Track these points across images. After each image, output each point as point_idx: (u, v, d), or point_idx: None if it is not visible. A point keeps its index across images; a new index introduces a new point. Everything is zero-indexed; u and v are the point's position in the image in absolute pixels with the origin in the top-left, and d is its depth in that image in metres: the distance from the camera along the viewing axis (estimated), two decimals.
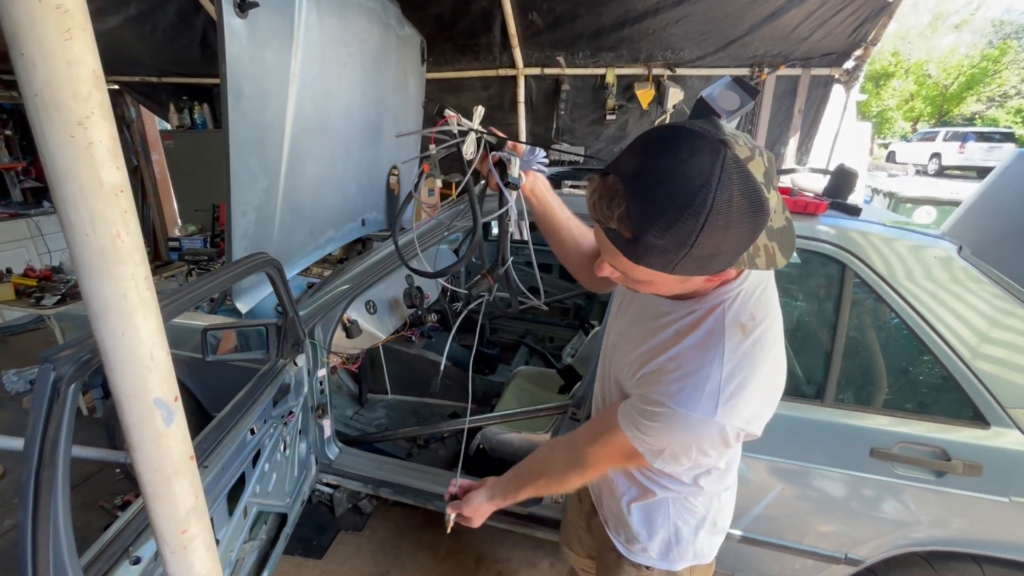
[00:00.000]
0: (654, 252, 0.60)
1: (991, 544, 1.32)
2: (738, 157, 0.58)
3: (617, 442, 0.81)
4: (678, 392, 0.72)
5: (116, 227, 0.46)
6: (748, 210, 0.58)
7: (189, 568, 0.61)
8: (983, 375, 1.30)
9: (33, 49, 0.40)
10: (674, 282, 0.68)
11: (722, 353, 0.71)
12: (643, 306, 0.87)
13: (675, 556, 0.98)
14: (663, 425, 0.73)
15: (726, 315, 0.74)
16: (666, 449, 0.75)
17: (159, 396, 0.53)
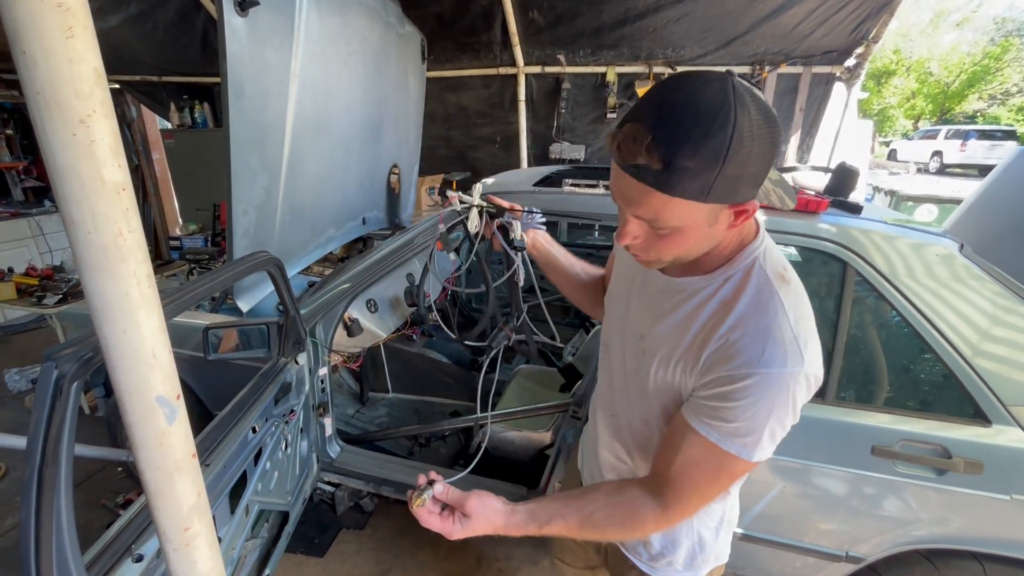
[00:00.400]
0: (687, 176, 0.60)
1: (992, 542, 1.32)
2: (742, 81, 0.61)
3: (706, 460, 0.73)
4: (760, 353, 0.67)
5: (118, 225, 0.46)
6: (766, 124, 0.60)
7: (192, 565, 0.61)
8: (984, 373, 1.29)
9: (35, 47, 0.40)
10: (703, 223, 0.66)
11: (781, 303, 0.70)
12: (659, 300, 0.82)
13: (699, 564, 0.96)
14: (755, 397, 0.67)
15: (765, 269, 0.73)
16: (764, 430, 0.69)
17: (161, 394, 0.53)
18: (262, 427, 1.35)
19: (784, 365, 0.67)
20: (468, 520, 0.79)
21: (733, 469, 0.74)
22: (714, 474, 0.74)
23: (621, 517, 0.78)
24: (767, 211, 1.45)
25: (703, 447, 0.73)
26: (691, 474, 0.75)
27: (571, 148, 3.85)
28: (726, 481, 0.77)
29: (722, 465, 0.73)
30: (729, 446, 0.71)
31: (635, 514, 0.77)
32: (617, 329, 0.94)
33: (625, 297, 0.92)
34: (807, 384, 0.69)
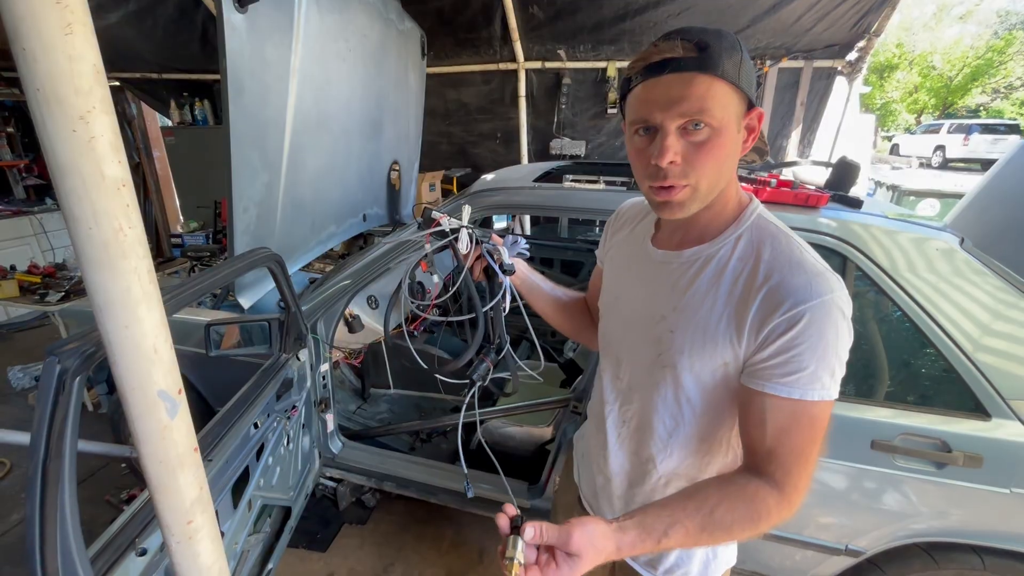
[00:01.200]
0: (724, 56, 0.67)
1: (992, 535, 1.33)
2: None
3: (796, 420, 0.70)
4: (805, 289, 0.68)
5: (119, 221, 0.47)
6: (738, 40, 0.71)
7: (195, 558, 0.62)
8: (984, 367, 1.29)
9: (34, 44, 0.40)
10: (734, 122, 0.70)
11: (798, 242, 0.75)
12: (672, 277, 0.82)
13: (713, 570, 0.94)
14: (818, 331, 0.67)
15: (772, 222, 0.78)
16: (836, 361, 0.69)
17: (163, 388, 0.54)
18: (264, 423, 1.36)
19: (832, 291, 0.69)
20: (576, 560, 0.64)
21: (823, 417, 0.71)
22: (809, 431, 0.71)
23: (746, 508, 0.70)
24: (768, 205, 1.45)
25: (788, 409, 0.70)
26: (788, 443, 0.71)
27: (572, 144, 3.85)
28: (821, 434, 0.72)
29: (813, 418, 0.70)
30: (812, 394, 0.69)
31: (758, 503, 0.70)
32: (622, 325, 0.91)
33: (627, 291, 0.91)
34: (848, 302, 0.71)
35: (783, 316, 0.69)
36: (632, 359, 0.89)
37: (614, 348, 0.95)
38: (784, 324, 0.69)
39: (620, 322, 0.92)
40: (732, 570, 1.51)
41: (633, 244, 0.93)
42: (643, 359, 0.86)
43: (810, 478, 0.74)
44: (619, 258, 0.96)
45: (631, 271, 0.91)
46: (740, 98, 0.70)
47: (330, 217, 2.31)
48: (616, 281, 0.96)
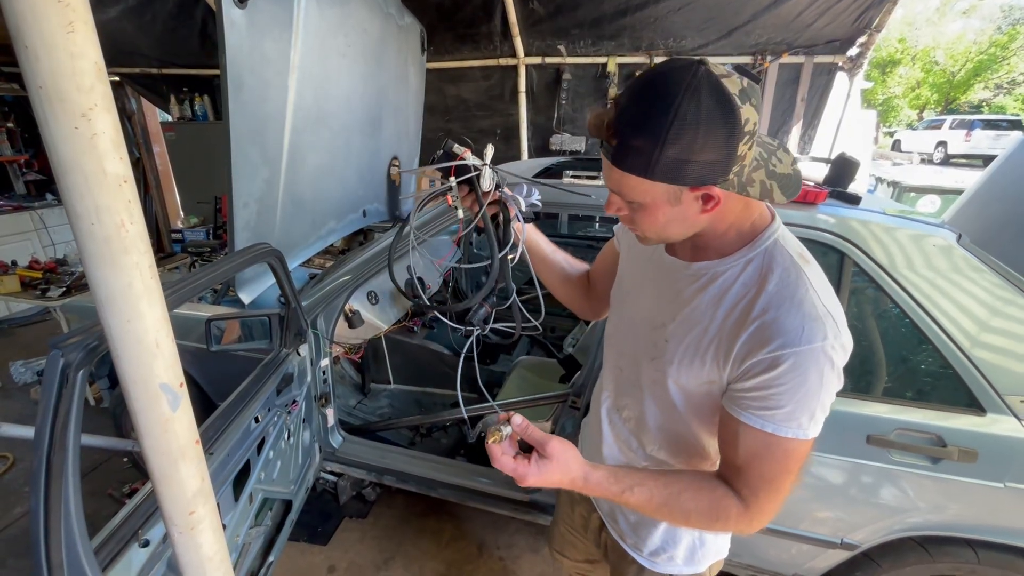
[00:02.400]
0: (632, 152, 0.65)
1: (986, 529, 1.34)
2: (711, 71, 0.63)
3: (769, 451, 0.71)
4: (797, 333, 0.67)
5: (120, 217, 0.47)
6: (718, 113, 0.61)
7: (197, 549, 0.63)
8: (980, 363, 1.30)
9: (36, 42, 0.41)
10: (663, 202, 0.69)
11: (808, 281, 0.71)
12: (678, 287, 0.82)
13: (699, 558, 0.97)
14: (801, 376, 0.67)
15: (788, 250, 0.74)
16: (816, 405, 0.69)
17: (165, 382, 0.55)
18: (264, 417, 1.37)
19: (825, 339, 0.67)
20: (546, 463, 0.72)
21: (798, 453, 0.72)
22: (782, 464, 0.72)
23: (708, 507, 0.75)
24: None
25: (761, 439, 0.71)
26: (758, 468, 0.73)
27: (572, 139, 3.84)
28: (795, 467, 0.73)
29: (787, 452, 0.71)
30: (787, 431, 0.70)
31: (720, 505, 0.75)
32: (629, 322, 0.93)
33: (637, 289, 0.92)
34: (844, 352, 0.70)
35: (768, 354, 0.69)
36: (632, 355, 0.91)
37: (617, 341, 0.97)
38: (768, 362, 0.69)
39: (626, 318, 0.94)
40: (727, 562, 1.54)
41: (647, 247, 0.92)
42: (640, 358, 0.89)
43: (779, 504, 0.76)
44: (635, 253, 0.96)
45: (644, 271, 0.92)
46: (664, 187, 0.66)
47: (330, 213, 2.31)
48: (629, 276, 0.97)
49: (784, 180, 0.70)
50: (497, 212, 0.98)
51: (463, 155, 0.91)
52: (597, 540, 1.15)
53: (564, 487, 0.75)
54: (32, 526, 0.62)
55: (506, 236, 0.97)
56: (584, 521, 1.18)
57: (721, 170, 0.65)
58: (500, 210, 0.98)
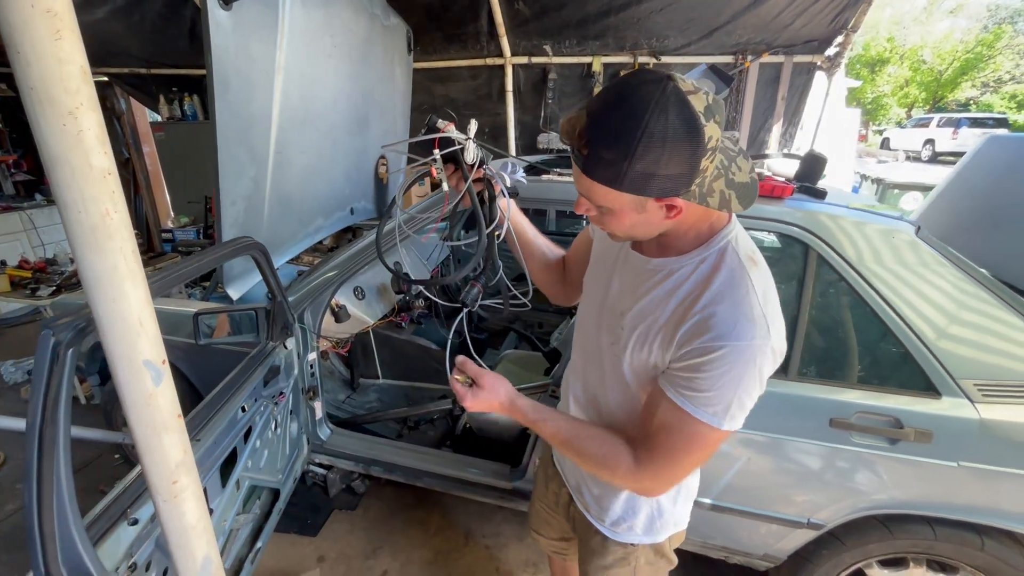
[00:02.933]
0: (602, 164, 0.69)
1: (941, 506, 1.40)
2: (679, 88, 0.67)
3: (680, 427, 0.78)
4: (731, 327, 0.74)
5: (105, 206, 0.52)
6: (683, 131, 0.66)
7: (180, 517, 0.68)
8: (936, 348, 1.37)
9: (27, 49, 0.45)
10: (630, 209, 0.74)
11: (751, 282, 0.77)
12: (639, 279, 0.88)
13: (658, 528, 1.03)
14: (725, 368, 0.74)
15: (738, 252, 0.80)
16: (733, 400, 0.75)
17: (148, 358, 0.59)
18: (251, 407, 1.41)
19: (753, 338, 0.73)
20: (479, 390, 0.90)
21: (705, 438, 0.79)
22: (686, 442, 0.79)
23: (603, 453, 0.86)
24: None
25: (676, 413, 0.79)
26: (665, 440, 0.81)
27: (559, 138, 3.90)
28: (698, 451, 0.81)
29: (695, 433, 0.78)
30: (701, 414, 0.76)
31: (614, 456, 0.85)
32: (595, 307, 0.99)
33: (606, 277, 0.97)
34: (772, 356, 0.75)
35: (702, 344, 0.75)
36: (596, 339, 0.98)
37: (585, 325, 1.04)
38: (700, 351, 0.76)
39: (595, 304, 1.00)
40: (701, 544, 1.60)
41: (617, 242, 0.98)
42: (603, 342, 0.96)
43: (668, 478, 0.85)
44: (607, 244, 1.01)
45: (612, 261, 0.98)
46: (631, 197, 0.71)
47: (317, 211, 2.36)
48: (600, 265, 1.03)
49: (742, 189, 0.75)
50: (482, 189, 1.00)
51: (445, 128, 0.92)
52: (567, 515, 1.21)
53: (495, 411, 0.91)
54: (26, 498, 0.67)
55: (492, 213, 0.99)
56: (556, 497, 1.24)
57: (685, 183, 0.70)
58: (485, 187, 1.00)
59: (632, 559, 1.07)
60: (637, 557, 1.07)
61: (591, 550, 1.11)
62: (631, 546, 1.06)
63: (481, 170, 0.98)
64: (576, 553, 1.36)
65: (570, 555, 1.40)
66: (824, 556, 1.55)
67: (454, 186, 0.99)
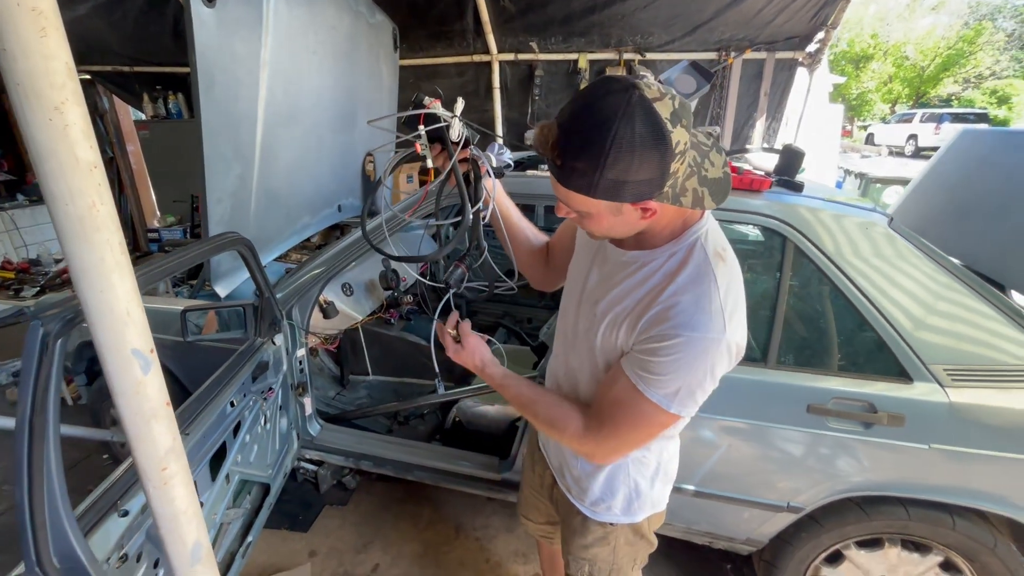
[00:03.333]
0: (576, 174, 0.72)
1: (914, 487, 1.45)
2: (644, 96, 0.68)
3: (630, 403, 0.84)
4: (689, 318, 0.78)
5: (92, 198, 0.54)
6: (651, 139, 0.68)
7: (170, 502, 0.70)
8: (907, 334, 1.42)
9: (14, 45, 0.47)
10: (606, 213, 0.77)
11: (714, 278, 0.80)
12: (614, 271, 0.92)
13: (636, 509, 1.07)
14: (678, 356, 0.78)
15: (706, 248, 0.83)
16: (683, 386, 0.80)
17: (136, 347, 0.61)
18: (240, 402, 1.43)
19: (708, 331, 0.77)
20: (462, 349, 1.01)
21: (651, 417, 0.84)
22: (634, 418, 0.86)
23: (554, 415, 0.95)
24: None
25: (629, 391, 0.84)
26: (615, 413, 0.87)
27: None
28: (643, 428, 0.87)
29: (643, 412, 0.84)
30: (651, 395, 0.82)
31: (564, 419, 0.94)
32: (576, 295, 1.03)
33: (586, 268, 1.01)
34: (728, 352, 0.80)
35: (661, 330, 0.80)
36: (574, 324, 1.02)
37: (567, 311, 1.08)
38: (659, 337, 0.80)
39: (575, 290, 1.04)
40: (685, 530, 1.64)
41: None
42: (581, 326, 1.00)
43: (612, 448, 0.93)
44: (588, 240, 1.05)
45: (594, 253, 1.01)
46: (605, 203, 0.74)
47: (304, 208, 2.37)
48: (582, 255, 1.06)
49: (715, 185, 0.78)
50: (468, 169, 1.01)
51: (431, 105, 0.91)
52: (551, 496, 1.26)
53: (471, 368, 1.02)
54: (17, 487, 0.68)
55: (476, 193, 0.99)
56: (540, 480, 1.29)
57: (656, 186, 0.72)
58: (471, 167, 1.01)
59: (612, 538, 1.11)
60: (617, 536, 1.11)
61: (572, 530, 1.15)
62: (610, 526, 1.10)
63: (467, 150, 0.98)
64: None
65: (556, 539, 1.43)
66: (804, 539, 1.59)
67: (439, 165, 0.99)
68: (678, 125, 0.70)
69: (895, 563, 1.57)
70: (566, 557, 1.19)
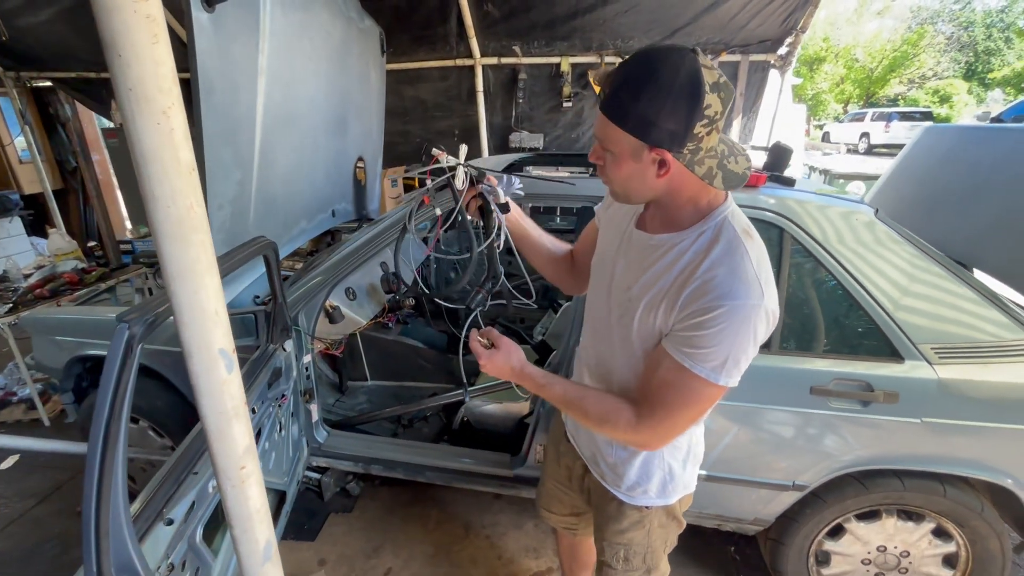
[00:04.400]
0: (617, 104, 0.81)
1: (909, 459, 1.56)
2: (696, 59, 0.77)
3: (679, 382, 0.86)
4: (729, 288, 0.81)
5: (190, 200, 0.55)
6: (687, 90, 0.76)
7: (245, 501, 0.71)
8: (896, 317, 1.52)
9: (128, 52, 0.48)
10: (628, 154, 0.84)
11: (745, 250, 0.84)
12: (643, 255, 0.96)
13: (670, 491, 1.11)
14: (723, 326, 0.81)
15: (734, 226, 0.88)
16: (729, 355, 0.82)
17: (223, 347, 0.62)
18: (260, 409, 1.42)
19: (748, 298, 0.82)
20: (495, 351, 1.00)
21: (701, 393, 0.87)
22: (684, 397, 0.88)
23: (604, 409, 0.95)
24: None
25: (676, 370, 0.87)
26: (665, 395, 0.89)
27: (530, 137, 3.98)
28: (695, 406, 0.89)
29: (692, 389, 0.86)
30: (700, 370, 0.84)
31: (616, 412, 0.94)
32: (604, 288, 1.07)
33: (612, 261, 1.05)
34: (766, 317, 0.84)
35: (704, 303, 0.83)
36: (605, 315, 1.06)
37: (594, 304, 1.12)
38: (701, 311, 0.84)
39: (603, 284, 1.08)
40: (697, 515, 1.71)
41: (623, 220, 1.07)
42: (612, 316, 1.04)
43: (665, 433, 0.94)
44: (611, 228, 1.10)
45: (618, 244, 1.06)
46: (631, 140, 0.82)
47: (300, 213, 2.34)
48: (606, 247, 1.11)
49: (731, 175, 0.84)
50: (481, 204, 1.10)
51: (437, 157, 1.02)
52: (581, 486, 1.28)
53: (505, 375, 1.00)
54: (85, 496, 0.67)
55: (488, 225, 1.07)
56: (568, 472, 1.31)
57: (678, 141, 0.79)
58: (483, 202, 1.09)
59: (647, 521, 1.15)
60: (651, 519, 1.15)
61: (607, 516, 1.18)
62: (646, 509, 1.14)
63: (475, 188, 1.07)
64: (586, 528, 1.44)
65: (580, 529, 1.47)
66: (808, 515, 1.68)
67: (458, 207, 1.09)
68: (716, 93, 0.77)
69: (892, 532, 1.67)
70: (600, 544, 1.22)
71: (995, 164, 2.12)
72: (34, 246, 4.96)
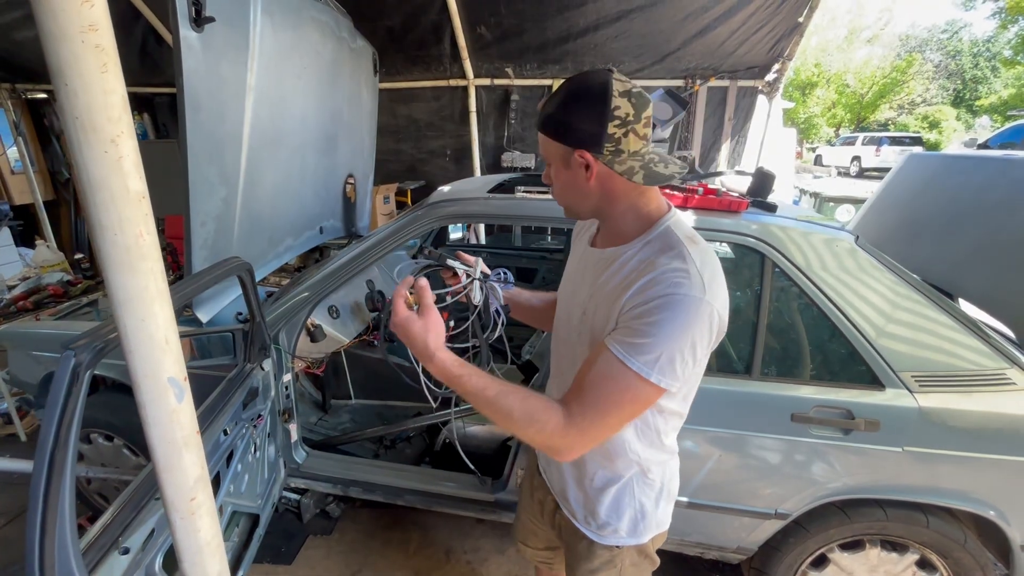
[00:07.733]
0: (544, 117, 0.90)
1: (891, 488, 1.54)
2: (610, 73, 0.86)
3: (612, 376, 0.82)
4: (669, 280, 0.82)
5: (139, 228, 0.55)
6: (596, 96, 0.84)
7: (195, 533, 0.68)
8: (877, 344, 1.52)
9: (76, 82, 0.48)
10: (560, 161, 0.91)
11: (688, 253, 0.86)
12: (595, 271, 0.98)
13: (642, 530, 1.07)
14: (662, 315, 0.80)
15: (676, 232, 0.90)
16: (664, 351, 0.79)
17: (172, 375, 0.61)
18: (233, 430, 1.39)
19: (690, 290, 0.81)
20: (414, 318, 0.88)
21: (636, 390, 0.82)
22: (619, 393, 0.82)
23: (532, 408, 0.84)
24: (697, 211, 1.64)
25: (610, 363, 0.83)
26: (596, 389, 0.84)
27: (522, 157, 4.02)
28: (627, 406, 0.84)
29: (627, 386, 0.82)
30: (633, 363, 0.80)
31: (544, 411, 0.84)
32: (565, 312, 1.08)
33: (576, 283, 1.06)
34: (709, 316, 0.82)
35: (644, 296, 0.83)
36: (567, 338, 1.07)
37: (560, 330, 1.12)
38: (642, 302, 0.83)
39: (566, 310, 1.08)
40: (679, 542, 1.67)
41: (581, 244, 1.10)
42: (573, 338, 1.04)
43: (594, 437, 0.86)
44: (575, 254, 1.13)
45: (578, 266, 1.08)
46: (558, 146, 0.89)
47: (287, 230, 2.34)
48: (571, 272, 1.12)
49: (653, 174, 0.87)
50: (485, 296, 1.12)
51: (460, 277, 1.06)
52: (552, 522, 1.25)
53: (416, 351, 0.88)
54: (28, 527, 0.65)
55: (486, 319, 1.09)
56: (541, 507, 1.28)
57: (594, 142, 0.85)
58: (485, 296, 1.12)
59: (618, 561, 1.11)
60: (623, 559, 1.11)
61: (578, 555, 1.14)
62: (616, 548, 1.10)
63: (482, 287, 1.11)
64: (561, 563, 1.40)
65: (556, 564, 1.43)
66: (791, 544, 1.66)
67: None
68: (626, 99, 0.84)
69: (876, 563, 1.65)
70: None
71: (976, 192, 2.15)
72: (22, 257, 4.91)
